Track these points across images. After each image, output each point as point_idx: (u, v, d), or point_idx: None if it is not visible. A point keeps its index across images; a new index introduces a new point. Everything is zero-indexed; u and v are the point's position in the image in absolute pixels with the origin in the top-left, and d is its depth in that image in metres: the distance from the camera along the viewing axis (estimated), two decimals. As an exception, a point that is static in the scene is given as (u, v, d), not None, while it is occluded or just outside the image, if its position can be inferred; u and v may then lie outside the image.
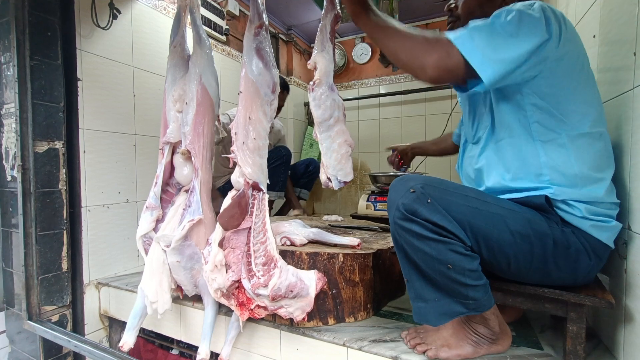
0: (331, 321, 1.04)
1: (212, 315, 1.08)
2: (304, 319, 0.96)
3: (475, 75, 0.73)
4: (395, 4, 1.94)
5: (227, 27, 2.24)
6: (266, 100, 1.04)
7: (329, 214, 1.85)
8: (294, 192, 2.30)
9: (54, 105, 1.33)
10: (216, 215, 1.02)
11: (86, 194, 1.43)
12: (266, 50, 1.04)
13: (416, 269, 0.80)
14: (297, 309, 0.95)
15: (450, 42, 0.74)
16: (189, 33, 1.20)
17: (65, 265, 1.37)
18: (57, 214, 1.34)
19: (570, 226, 0.78)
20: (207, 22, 2.06)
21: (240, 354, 1.11)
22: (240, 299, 0.99)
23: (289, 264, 0.99)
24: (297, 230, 1.14)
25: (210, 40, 1.26)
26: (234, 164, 1.01)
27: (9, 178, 1.35)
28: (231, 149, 1.00)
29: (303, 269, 1.00)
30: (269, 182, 1.05)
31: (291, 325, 1.03)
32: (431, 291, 0.79)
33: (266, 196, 1.02)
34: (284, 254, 1.03)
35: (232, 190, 1.02)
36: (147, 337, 1.47)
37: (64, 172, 1.36)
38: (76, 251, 1.42)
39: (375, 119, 2.95)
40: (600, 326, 0.99)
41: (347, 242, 1.10)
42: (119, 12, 1.54)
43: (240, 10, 2.36)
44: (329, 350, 0.97)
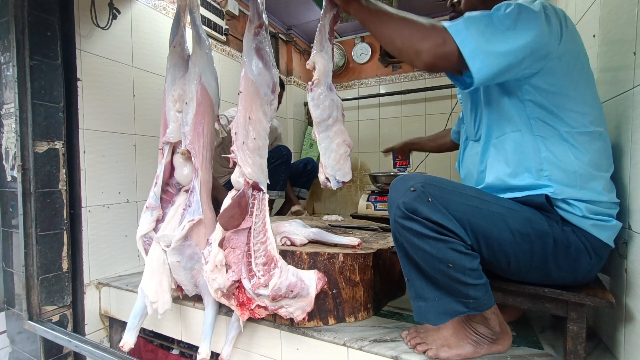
0: (331, 321, 1.04)
1: (213, 315, 1.08)
2: (304, 319, 0.96)
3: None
4: (395, 4, 1.95)
5: (227, 27, 2.24)
6: (266, 100, 1.04)
7: (329, 214, 1.85)
8: (292, 190, 2.31)
9: (54, 105, 1.33)
10: (217, 215, 1.02)
11: (86, 194, 1.43)
12: (266, 50, 1.04)
13: (416, 267, 0.80)
14: (297, 309, 0.95)
15: (445, 29, 0.73)
16: (188, 33, 1.20)
17: (65, 266, 1.37)
18: (57, 214, 1.34)
19: (570, 225, 0.78)
20: (207, 22, 2.06)
21: (241, 354, 1.11)
22: (241, 298, 0.99)
23: (289, 263, 0.99)
24: (298, 230, 1.14)
25: (210, 40, 1.26)
26: (234, 164, 1.01)
27: (9, 178, 1.35)
28: (231, 149, 1.00)
29: (303, 268, 1.00)
30: (269, 181, 1.05)
31: (291, 325, 1.03)
32: (431, 290, 0.79)
33: (266, 196, 1.02)
34: (284, 253, 1.03)
35: (232, 190, 1.02)
36: (148, 337, 1.47)
37: (64, 172, 1.36)
38: (76, 251, 1.42)
39: (375, 118, 2.95)
40: (600, 326, 0.99)
41: (347, 242, 1.10)
42: (119, 12, 1.54)
43: (240, 10, 2.36)
44: (329, 350, 0.97)
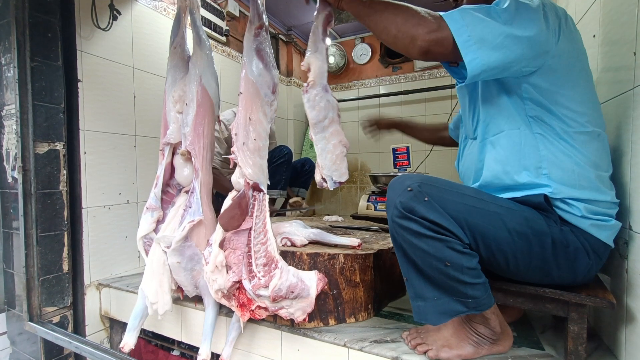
0: (332, 322, 1.04)
1: (213, 316, 1.08)
2: (304, 319, 0.96)
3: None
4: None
5: (227, 28, 2.24)
6: (266, 101, 1.04)
7: (329, 215, 1.85)
8: (291, 190, 2.33)
9: (55, 106, 1.33)
10: (217, 215, 1.02)
11: (87, 195, 1.43)
12: (266, 51, 1.04)
13: (415, 267, 0.80)
14: (297, 310, 0.95)
15: (441, 17, 0.74)
16: (189, 34, 1.20)
17: (66, 267, 1.37)
18: (57, 215, 1.35)
19: (569, 225, 0.78)
20: (207, 23, 2.06)
21: (241, 354, 1.11)
22: (241, 299, 0.99)
23: (289, 264, 0.99)
24: (298, 231, 1.14)
25: (210, 41, 1.26)
26: (234, 164, 1.01)
27: (10, 179, 1.35)
28: (231, 149, 1.00)
29: (304, 269, 1.00)
30: (270, 181, 1.06)
31: (292, 326, 1.03)
32: (430, 290, 0.79)
33: (266, 197, 1.02)
34: (284, 254, 1.03)
35: (233, 191, 1.03)
36: (148, 338, 1.47)
37: (64, 173, 1.36)
38: (77, 252, 1.42)
39: (376, 119, 2.95)
40: (601, 326, 0.99)
41: (347, 242, 1.10)
42: (119, 13, 1.54)
43: (240, 11, 2.36)
44: (329, 351, 0.97)
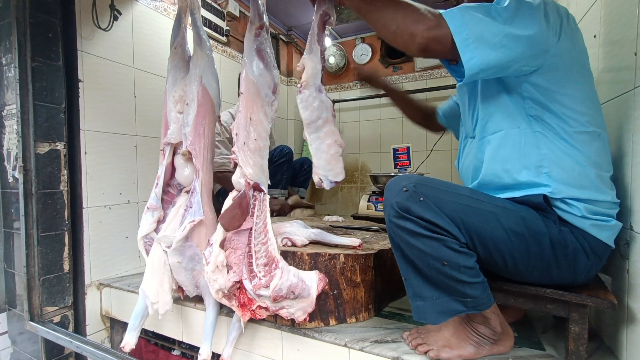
0: (332, 322, 1.04)
1: (214, 316, 1.08)
2: (305, 319, 0.96)
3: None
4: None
5: (228, 28, 2.24)
6: (267, 101, 1.04)
7: (329, 215, 1.85)
8: (291, 189, 2.34)
9: (55, 106, 1.33)
10: (218, 215, 1.02)
11: (87, 195, 1.43)
12: (267, 51, 1.04)
13: (413, 267, 0.80)
14: (298, 310, 0.95)
15: (440, 14, 0.74)
16: (189, 34, 1.20)
17: (66, 266, 1.38)
18: (58, 215, 1.35)
19: (568, 225, 0.78)
20: (208, 23, 2.06)
21: (242, 354, 1.11)
22: (242, 299, 0.99)
23: (290, 264, 0.99)
24: (298, 231, 1.14)
25: (211, 41, 1.26)
26: (235, 164, 1.01)
27: (11, 179, 1.35)
28: (232, 149, 1.00)
29: (304, 269, 1.00)
30: (269, 182, 1.06)
31: (292, 326, 1.03)
32: (429, 289, 0.79)
33: (267, 197, 1.02)
34: (285, 254, 1.03)
35: (233, 191, 1.03)
36: (149, 337, 1.47)
37: (65, 173, 1.36)
38: (78, 252, 1.42)
39: (376, 119, 2.95)
40: (602, 327, 0.99)
41: (348, 242, 1.10)
42: (120, 14, 1.55)
43: (240, 11, 2.36)
44: (330, 351, 0.97)
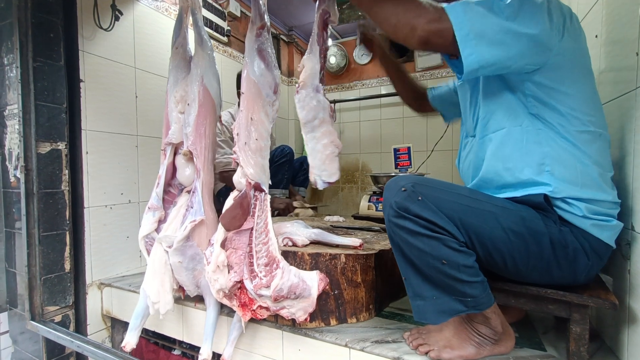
0: (333, 322, 1.04)
1: (214, 315, 1.08)
2: (306, 319, 0.96)
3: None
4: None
5: (229, 28, 2.25)
6: (268, 101, 1.04)
7: (330, 215, 1.85)
8: (293, 188, 2.34)
9: (57, 106, 1.34)
10: (219, 215, 1.02)
11: (89, 195, 1.43)
12: (268, 51, 1.04)
13: (412, 266, 0.80)
14: (299, 310, 0.95)
15: (443, 9, 0.74)
16: (190, 34, 1.21)
17: (68, 266, 1.38)
18: (59, 215, 1.35)
19: (568, 225, 0.78)
20: (209, 23, 2.07)
21: (242, 354, 1.11)
22: (243, 299, 0.99)
23: (291, 264, 0.99)
24: (299, 231, 1.14)
25: (212, 41, 1.26)
26: (236, 164, 1.01)
27: (12, 179, 1.35)
28: (233, 149, 1.00)
29: (305, 269, 1.00)
30: (271, 181, 1.06)
31: (293, 325, 1.03)
32: (429, 289, 0.79)
33: (268, 197, 1.02)
34: (286, 254, 1.03)
35: (234, 191, 1.03)
36: (150, 337, 1.47)
37: (66, 173, 1.37)
38: (79, 252, 1.42)
39: (377, 119, 2.95)
40: (603, 327, 0.99)
41: (349, 242, 1.09)
42: (121, 14, 1.55)
43: (241, 11, 2.37)
44: (331, 351, 0.97)
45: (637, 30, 0.80)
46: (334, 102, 2.87)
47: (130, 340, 1.07)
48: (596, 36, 1.05)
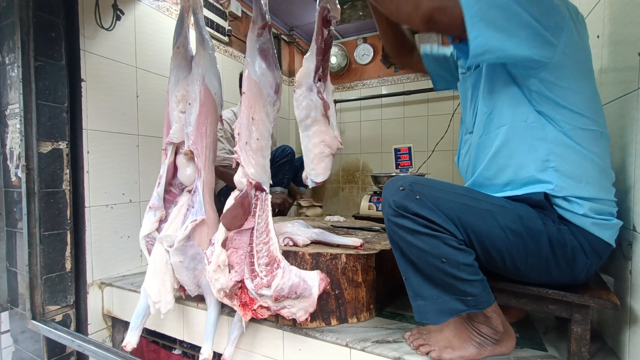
0: (334, 322, 1.04)
1: (215, 315, 1.08)
2: (306, 319, 0.96)
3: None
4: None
5: (230, 28, 2.25)
6: (269, 101, 1.04)
7: (331, 215, 1.85)
8: (295, 186, 2.34)
9: (58, 105, 1.34)
10: (219, 215, 1.02)
11: (90, 194, 1.43)
12: (269, 51, 1.04)
13: (412, 265, 0.80)
14: (300, 310, 0.95)
15: None
16: (192, 34, 1.21)
17: (68, 265, 1.38)
18: (61, 214, 1.35)
19: (567, 224, 0.78)
20: (210, 23, 2.07)
21: (243, 354, 1.11)
22: (243, 299, 0.99)
23: (291, 264, 0.99)
24: (300, 231, 1.14)
25: (213, 41, 1.26)
26: (237, 164, 1.01)
27: (14, 178, 1.36)
28: (234, 149, 1.00)
29: (306, 269, 1.00)
30: (272, 181, 1.06)
31: (294, 325, 1.03)
32: (429, 288, 0.79)
33: (269, 197, 1.02)
34: (286, 254, 1.03)
35: (235, 190, 1.03)
36: (150, 337, 1.47)
37: (67, 173, 1.37)
38: (80, 251, 1.42)
39: (377, 119, 2.95)
40: (604, 328, 0.99)
41: (349, 242, 1.10)
42: (123, 13, 1.55)
43: (242, 11, 2.37)
44: (331, 351, 0.97)
45: (639, 31, 0.80)
46: (335, 102, 2.87)
47: (131, 340, 1.07)
48: (598, 36, 1.05)
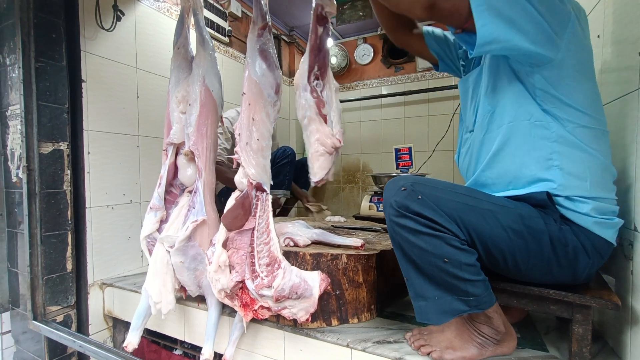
0: (335, 322, 1.04)
1: (216, 315, 1.08)
2: (307, 319, 0.96)
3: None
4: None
5: (230, 28, 2.25)
6: (269, 101, 1.04)
7: (331, 215, 1.85)
8: (296, 186, 2.33)
9: (59, 106, 1.34)
10: (220, 215, 1.02)
11: (90, 195, 1.43)
12: (269, 52, 1.04)
13: (414, 266, 0.80)
14: (300, 310, 0.95)
15: None
16: (192, 35, 1.21)
17: (69, 266, 1.38)
18: (61, 215, 1.35)
19: (569, 224, 0.77)
20: (210, 23, 2.07)
21: (244, 354, 1.11)
22: (244, 299, 0.99)
23: (292, 264, 0.99)
24: (301, 231, 1.14)
25: (213, 41, 1.26)
26: (238, 164, 1.01)
27: (15, 179, 1.36)
28: (235, 149, 1.01)
29: (306, 269, 1.00)
30: (273, 182, 1.06)
31: (295, 326, 1.03)
32: (431, 289, 0.79)
33: (269, 197, 1.02)
34: (287, 254, 1.03)
35: (236, 191, 1.03)
36: (151, 337, 1.47)
37: (68, 173, 1.37)
38: (80, 252, 1.43)
39: (378, 119, 2.95)
40: (606, 328, 0.99)
41: (350, 243, 1.09)
42: (123, 14, 1.55)
43: (242, 11, 2.37)
44: (332, 351, 0.97)
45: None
46: (335, 102, 2.86)
47: (132, 340, 1.07)
48: (598, 36, 1.05)
